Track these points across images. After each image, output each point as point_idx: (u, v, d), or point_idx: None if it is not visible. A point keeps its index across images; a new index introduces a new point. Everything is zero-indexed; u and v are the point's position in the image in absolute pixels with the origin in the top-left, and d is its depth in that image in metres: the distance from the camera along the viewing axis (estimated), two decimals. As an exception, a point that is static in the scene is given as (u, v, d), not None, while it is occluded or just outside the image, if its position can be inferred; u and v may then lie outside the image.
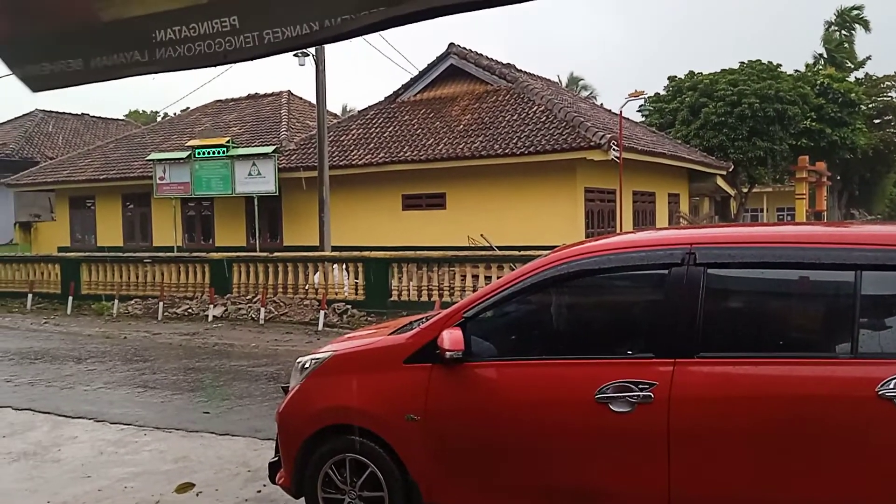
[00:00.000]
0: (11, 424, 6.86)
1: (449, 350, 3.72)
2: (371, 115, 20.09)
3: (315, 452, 4.18)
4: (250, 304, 14.30)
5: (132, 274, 16.13)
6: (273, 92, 24.65)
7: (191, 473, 5.41)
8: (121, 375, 9.19)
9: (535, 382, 3.72)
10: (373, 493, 4.01)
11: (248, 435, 6.36)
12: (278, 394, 7.65)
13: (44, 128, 31.52)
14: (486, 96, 18.78)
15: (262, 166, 18.86)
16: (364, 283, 13.90)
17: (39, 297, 16.63)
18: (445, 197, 17.66)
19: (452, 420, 3.85)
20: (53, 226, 24.66)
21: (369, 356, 4.31)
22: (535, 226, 15.86)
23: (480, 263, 13.09)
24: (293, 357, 9.93)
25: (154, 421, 6.89)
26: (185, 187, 19.95)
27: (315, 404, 4.28)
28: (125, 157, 22.90)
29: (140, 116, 48.51)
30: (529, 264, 4.02)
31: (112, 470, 5.55)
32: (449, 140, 17.33)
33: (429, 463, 3.89)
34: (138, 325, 13.58)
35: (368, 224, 18.09)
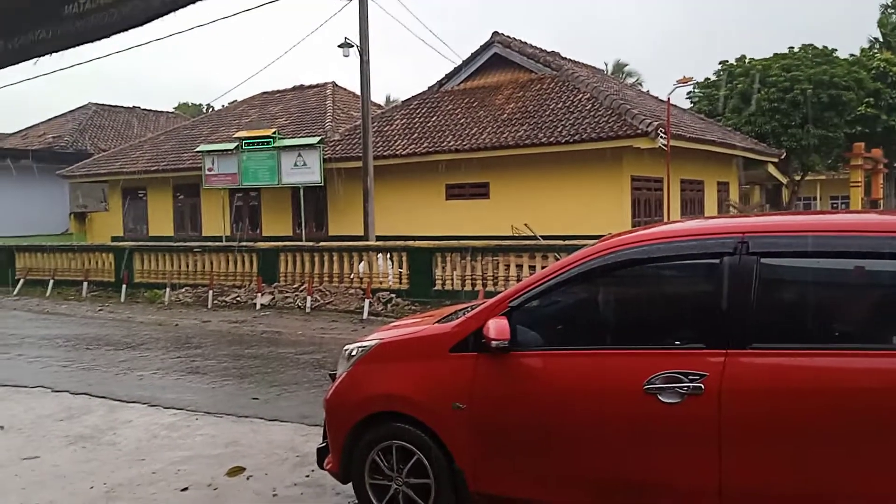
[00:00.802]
0: (69, 408, 7.10)
1: (494, 339, 3.72)
2: (415, 105, 20.12)
3: (362, 439, 4.23)
4: (297, 293, 14.51)
5: (183, 263, 16.50)
6: (318, 83, 24.87)
7: (241, 458, 5.52)
8: (173, 361, 9.43)
9: (581, 372, 3.70)
10: (419, 480, 4.05)
11: (296, 421, 6.46)
12: (325, 381, 7.76)
13: (97, 120, 32.39)
14: (531, 84, 18.63)
15: (307, 157, 19.08)
16: (408, 272, 13.97)
17: (94, 285, 17.14)
18: (489, 186, 17.62)
19: (498, 409, 3.86)
20: (107, 216, 25.36)
21: (415, 344, 4.33)
22: (580, 215, 15.72)
23: (524, 253, 13.03)
24: (339, 345, 10.06)
25: (205, 406, 7.06)
26: (233, 178, 20.31)
27: (362, 391, 4.33)
28: (175, 149, 23.39)
29: (188, 109, 49.49)
30: (576, 254, 3.99)
31: (165, 453, 5.70)
32: (493, 129, 17.26)
33: (474, 451, 3.90)
34: (189, 313, 13.90)
35: (412, 214, 18.16)
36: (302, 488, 4.91)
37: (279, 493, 4.84)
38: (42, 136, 31.31)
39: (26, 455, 5.72)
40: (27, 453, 5.76)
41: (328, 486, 4.82)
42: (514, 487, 3.85)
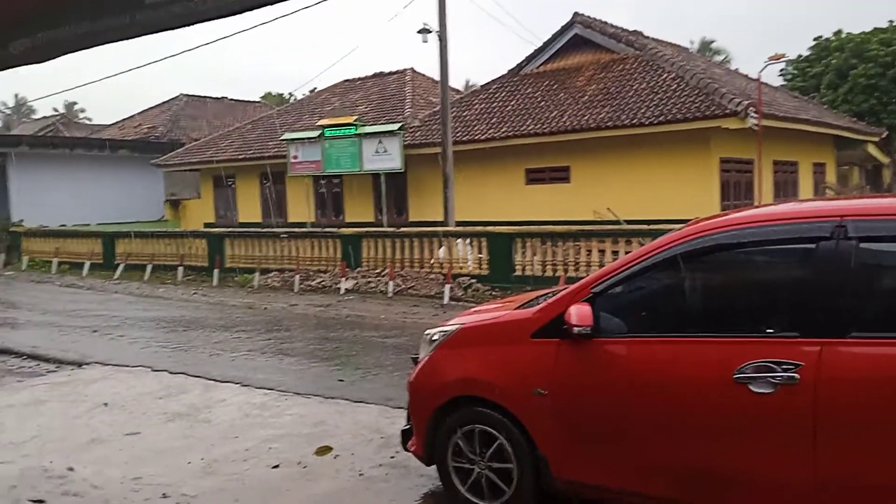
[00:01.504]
0: (168, 387, 7.48)
1: (577, 325, 3.70)
2: (494, 89, 20.02)
3: (445, 422, 4.29)
4: (379, 278, 14.76)
5: (270, 248, 17.03)
6: (397, 70, 25.09)
7: (328, 437, 5.70)
8: (263, 343, 9.78)
9: (667, 360, 3.63)
10: (502, 465, 4.07)
11: (380, 403, 6.60)
12: (408, 364, 7.88)
13: (188, 111, 33.73)
14: (613, 65, 18.22)
15: (387, 143, 19.31)
16: (488, 257, 13.98)
17: (189, 270, 17.92)
18: (570, 170, 17.38)
19: (581, 396, 3.83)
20: (199, 203, 26.43)
21: (496, 330, 4.35)
22: (666, 199, 15.31)
23: (606, 238, 12.82)
24: (420, 329, 10.20)
25: (294, 387, 7.30)
26: (317, 165, 20.78)
27: (444, 375, 4.38)
28: (261, 138, 24.11)
29: (273, 98, 50.79)
30: (662, 238, 3.91)
31: (257, 431, 5.94)
32: (573, 112, 17.00)
33: (557, 438, 3.89)
34: (277, 297, 14.36)
35: (492, 199, 18.13)
36: (387, 469, 5.03)
37: (365, 473, 4.97)
38: (138, 127, 32.90)
39: (128, 431, 6.07)
40: (129, 429, 6.11)
41: (412, 468, 4.91)
42: (598, 475, 3.83)
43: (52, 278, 18.99)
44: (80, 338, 10.46)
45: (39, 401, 7.09)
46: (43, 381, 7.93)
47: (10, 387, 7.75)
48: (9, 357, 9.28)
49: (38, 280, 18.67)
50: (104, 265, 19.73)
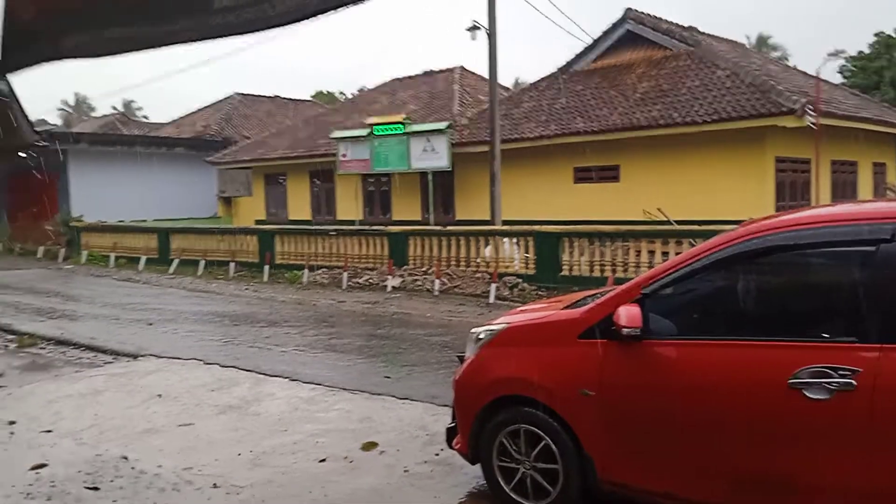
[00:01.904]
0: (219, 380, 7.65)
1: (626, 327, 3.65)
2: (543, 87, 19.90)
3: (490, 421, 4.29)
4: (425, 276, 14.81)
5: (319, 245, 17.24)
6: (446, 68, 25.14)
7: (374, 433, 5.75)
8: (311, 339, 9.92)
9: (719, 364, 3.57)
10: (547, 465, 4.05)
11: (425, 400, 6.63)
12: (453, 362, 7.89)
13: (241, 110, 34.40)
14: (665, 62, 17.92)
15: (435, 142, 19.36)
16: (535, 257, 13.90)
17: (240, 266, 18.26)
18: (619, 169, 17.16)
19: (629, 398, 3.79)
20: (251, 200, 26.92)
21: (543, 329, 4.33)
22: (718, 199, 15.00)
23: (657, 238, 12.62)
24: (466, 328, 10.19)
25: (341, 382, 7.38)
26: (365, 164, 20.96)
27: (489, 374, 4.38)
28: (312, 136, 24.44)
29: (324, 97, 51.45)
30: (715, 239, 3.84)
31: (305, 425, 6.04)
32: (624, 109, 16.78)
33: (604, 440, 3.86)
34: (325, 293, 14.54)
35: (539, 198, 18.02)
36: (432, 466, 5.05)
37: (410, 469, 5.00)
38: (193, 126, 33.70)
39: (181, 422, 6.23)
40: (182, 420, 6.27)
41: (457, 466, 4.92)
42: (646, 478, 3.78)
43: (109, 272, 19.59)
44: (136, 330, 10.77)
45: (97, 391, 7.32)
46: (100, 372, 8.19)
47: (69, 377, 8.03)
48: (68, 348, 9.61)
49: (96, 274, 19.29)
50: (159, 260, 20.27)
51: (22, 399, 7.10)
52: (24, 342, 9.90)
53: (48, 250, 23.87)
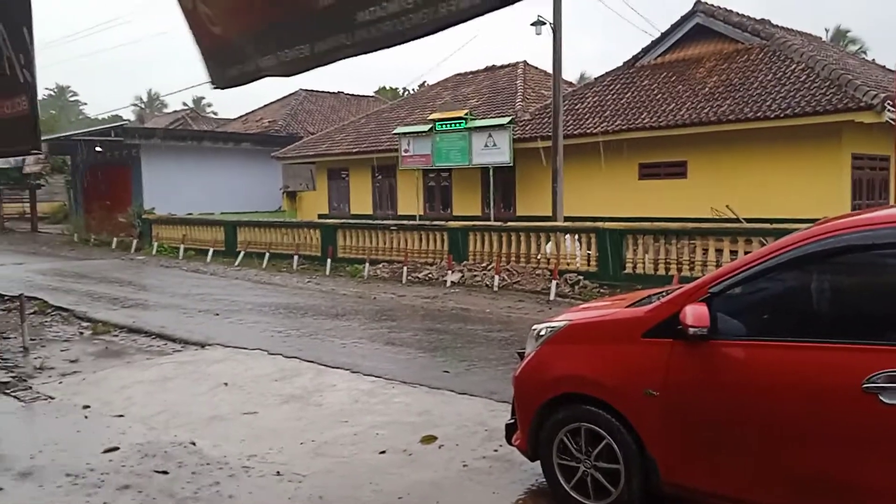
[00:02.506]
0: (282, 370, 7.81)
1: (692, 326, 3.57)
2: (608, 82, 19.57)
3: (550, 418, 4.25)
4: (485, 272, 14.79)
5: (380, 240, 17.43)
6: (509, 63, 25.00)
7: (433, 427, 5.77)
8: (371, 332, 10.03)
9: (790, 366, 3.45)
10: (609, 465, 3.99)
11: (484, 396, 6.62)
12: (512, 359, 7.87)
13: (306, 105, 35.05)
14: (736, 56, 17.39)
15: (497, 137, 19.28)
16: (597, 254, 13.72)
17: (303, 259, 18.61)
18: (686, 165, 16.74)
19: (695, 399, 3.70)
20: (314, 194, 27.38)
21: (606, 327, 4.26)
22: (790, 197, 14.49)
23: (725, 237, 12.27)
24: (525, 324, 10.15)
25: (400, 375, 7.44)
26: (427, 159, 21.05)
27: (550, 372, 4.34)
28: (374, 132, 24.67)
29: (387, 93, 51.89)
30: (788, 237, 3.70)
31: (365, 417, 6.10)
32: (692, 104, 16.36)
33: (668, 441, 3.77)
34: (385, 287, 14.67)
35: (602, 194, 17.76)
36: (491, 461, 5.03)
37: (469, 464, 5.00)
38: (259, 121, 34.49)
39: (246, 410, 6.38)
40: (247, 409, 6.43)
41: (516, 462, 4.89)
42: (710, 481, 3.69)
43: (178, 263, 20.24)
44: (203, 320, 11.09)
45: (166, 378, 7.57)
46: (170, 360, 8.47)
47: (140, 364, 8.33)
48: (140, 336, 9.97)
49: (166, 265, 19.95)
50: (226, 252, 20.83)
51: (96, 384, 7.40)
52: (99, 329, 10.32)
53: (121, 241, 24.83)
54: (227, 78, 2.89)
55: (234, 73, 2.85)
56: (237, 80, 2.87)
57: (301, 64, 2.51)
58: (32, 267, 18.99)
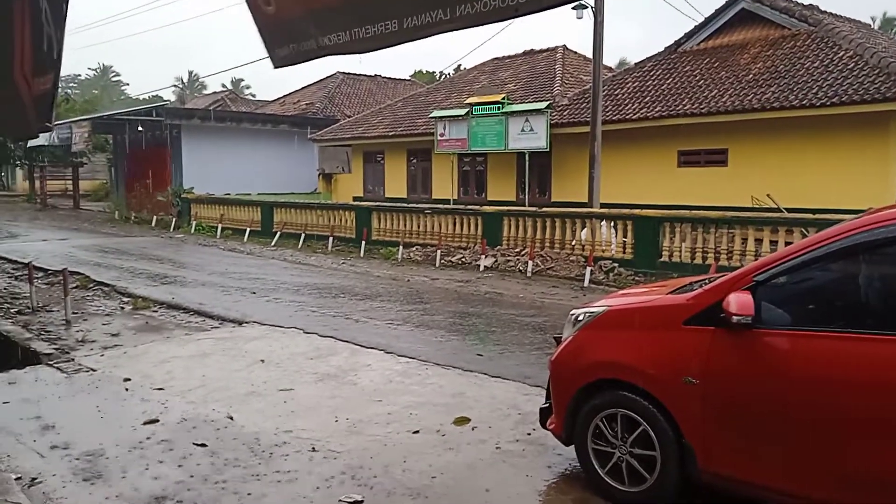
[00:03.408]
0: (318, 349, 7.89)
1: (736, 314, 3.51)
2: (649, 67, 19.25)
3: (586, 404, 4.23)
4: (518, 257, 14.74)
5: (414, 223, 17.46)
6: (548, 48, 24.75)
7: (466, 409, 5.79)
8: (405, 314, 10.07)
9: (836, 357, 3.39)
10: (644, 452, 3.96)
11: (518, 380, 6.61)
12: (546, 344, 7.86)
13: (343, 88, 35.15)
14: (782, 42, 16.97)
15: (534, 122, 19.13)
16: (633, 241, 13.57)
17: (338, 241, 18.75)
18: (727, 153, 16.42)
19: (736, 388, 3.65)
20: (349, 177, 27.52)
21: (646, 314, 4.22)
22: (835, 186, 14.15)
23: (765, 226, 12.04)
24: (559, 310, 10.12)
25: (434, 357, 7.47)
26: (462, 143, 20.98)
27: (587, 357, 4.32)
28: (411, 115, 24.66)
29: (423, 76, 51.79)
30: (836, 227, 3.62)
31: (400, 397, 6.14)
32: (735, 91, 16.02)
33: (707, 429, 3.73)
34: (419, 270, 14.72)
35: (640, 181, 17.54)
36: (524, 445, 5.03)
37: (502, 446, 5.00)
38: (297, 104, 34.71)
39: (282, 387, 6.47)
40: (283, 385, 6.51)
41: (549, 446, 4.89)
42: (750, 472, 3.64)
43: (216, 242, 20.54)
44: (240, 298, 11.25)
45: (205, 353, 7.71)
46: (207, 336, 8.62)
47: (179, 339, 8.49)
48: (178, 312, 10.15)
49: (204, 243, 20.25)
50: (262, 232, 21.07)
51: (136, 358, 7.57)
52: (139, 305, 10.53)
53: (161, 219, 25.28)
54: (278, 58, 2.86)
55: (283, 53, 2.82)
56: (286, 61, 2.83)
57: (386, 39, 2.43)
58: (75, 243, 19.44)
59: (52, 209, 33.97)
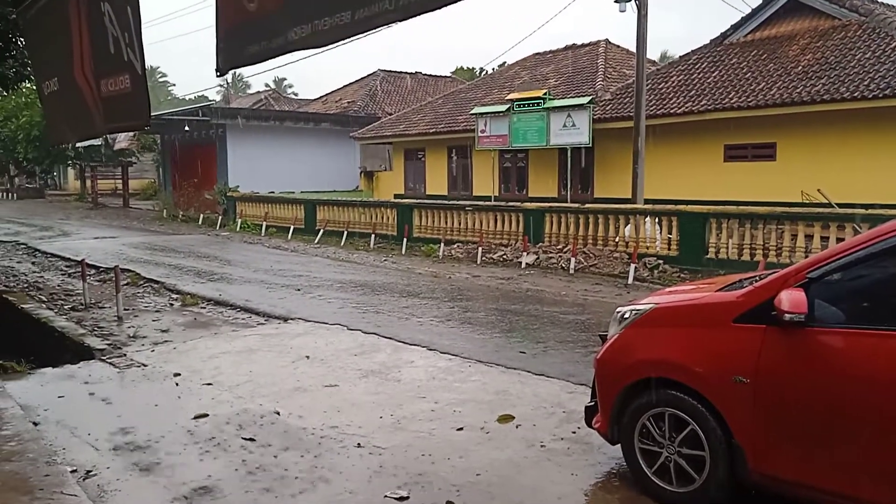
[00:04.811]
0: (361, 345, 7.95)
1: (788, 312, 3.43)
2: (694, 60, 18.92)
3: (633, 402, 4.18)
4: (560, 254, 14.64)
5: (455, 220, 17.48)
6: (590, 42, 24.51)
7: (510, 407, 5.77)
8: (447, 311, 10.09)
9: (893, 356, 3.27)
10: (693, 452, 3.90)
11: (561, 378, 6.57)
12: (590, 342, 7.79)
13: (384, 86, 35.33)
14: (832, 33, 16.51)
15: (576, 117, 18.96)
16: (678, 238, 13.36)
17: (379, 238, 18.88)
18: (776, 147, 16.05)
19: (789, 388, 3.56)
20: (390, 175, 27.68)
21: (694, 311, 4.15)
22: (887, 181, 13.70)
23: (816, 222, 11.72)
24: (602, 308, 10.03)
25: (476, 355, 7.47)
26: (503, 139, 20.90)
27: (634, 355, 4.26)
28: (451, 112, 24.66)
29: (464, 73, 51.74)
30: (893, 222, 3.50)
31: (443, 394, 6.16)
32: (783, 83, 15.65)
33: (758, 430, 3.66)
34: (460, 268, 14.72)
35: (685, 176, 17.26)
36: (569, 443, 5.00)
37: (547, 445, 4.98)
38: (339, 101, 35.02)
39: (327, 383, 6.54)
40: (328, 381, 6.58)
41: (595, 445, 4.85)
42: (803, 473, 3.55)
43: (261, 240, 20.85)
44: (285, 295, 11.40)
45: (251, 349, 7.84)
46: (254, 332, 8.76)
47: (226, 335, 8.64)
48: (225, 308, 10.34)
49: (249, 241, 20.59)
50: (305, 230, 21.33)
51: (185, 353, 7.73)
52: (187, 301, 10.76)
53: (207, 218, 25.77)
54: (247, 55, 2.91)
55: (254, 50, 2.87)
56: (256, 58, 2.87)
57: (339, 32, 2.49)
58: (125, 241, 19.94)
59: (102, 208, 34.90)
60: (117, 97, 3.79)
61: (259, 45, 2.83)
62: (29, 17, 4.79)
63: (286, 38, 2.69)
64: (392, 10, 2.26)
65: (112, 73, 3.78)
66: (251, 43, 2.87)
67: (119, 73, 3.70)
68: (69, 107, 4.37)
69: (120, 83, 3.74)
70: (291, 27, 2.65)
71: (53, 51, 4.42)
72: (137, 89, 3.53)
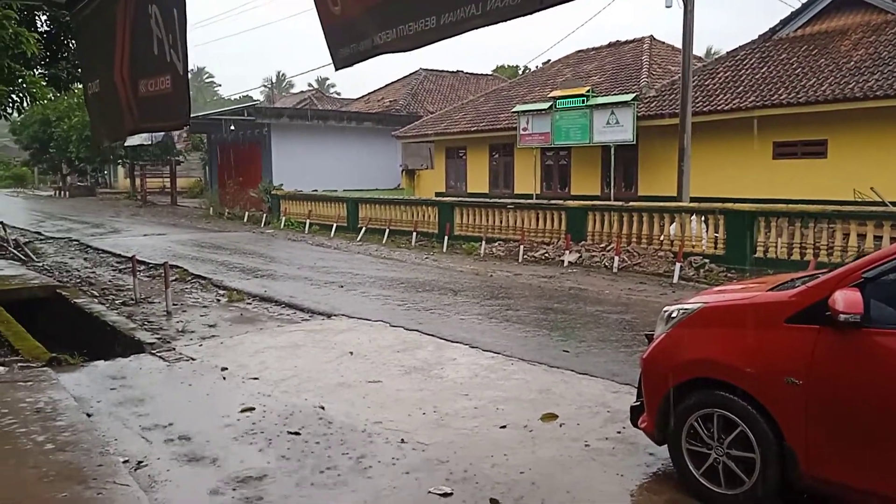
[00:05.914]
0: (404, 342, 8.00)
1: (843, 313, 3.35)
2: (741, 56, 18.54)
3: (680, 403, 4.12)
4: (604, 252, 14.50)
5: (496, 218, 17.44)
6: (634, 38, 24.20)
7: (553, 405, 5.74)
8: (489, 309, 10.08)
9: (955, 359, 3.17)
10: (742, 454, 3.84)
11: (605, 377, 6.52)
12: (634, 341, 7.71)
13: (426, 85, 35.41)
14: (886, 27, 16.02)
15: (620, 115, 18.75)
16: (724, 236, 13.12)
17: (420, 236, 18.94)
18: (827, 144, 15.64)
19: (844, 390, 3.48)
20: (432, 173, 27.72)
21: (745, 311, 4.07)
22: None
23: (869, 220, 11.39)
24: (647, 307, 9.91)
25: (519, 353, 7.45)
26: (546, 137, 20.78)
27: (681, 355, 4.21)
28: (493, 110, 24.61)
29: (506, 71, 51.52)
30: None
31: (485, 392, 6.16)
32: (835, 79, 15.24)
33: (811, 432, 3.58)
34: (501, 266, 14.69)
35: (732, 174, 16.93)
36: (614, 443, 4.95)
37: (591, 444, 4.94)
38: (381, 100, 35.21)
39: (371, 379, 6.60)
40: (371, 377, 6.64)
41: (640, 445, 4.80)
42: (855, 476, 3.47)
43: (304, 237, 21.11)
44: (328, 292, 11.53)
45: (296, 345, 7.94)
46: (298, 328, 8.88)
47: (272, 330, 8.77)
48: (271, 304, 10.50)
49: (293, 238, 20.86)
50: (348, 228, 21.52)
51: (232, 348, 7.87)
52: (234, 297, 10.95)
53: (252, 215, 26.19)
54: (340, 58, 2.95)
55: (345, 54, 2.90)
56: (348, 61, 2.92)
57: (425, 37, 2.51)
58: (173, 238, 20.39)
59: (150, 205, 35.72)
60: (156, 97, 3.84)
61: (349, 49, 2.88)
62: (80, 19, 4.91)
63: (372, 41, 2.73)
64: (479, 16, 2.27)
65: (153, 73, 3.83)
66: (342, 45, 2.92)
67: (160, 73, 3.76)
68: (105, 108, 4.46)
69: (161, 83, 3.80)
70: (377, 32, 2.69)
71: (98, 52, 4.51)
72: (178, 90, 3.59)
